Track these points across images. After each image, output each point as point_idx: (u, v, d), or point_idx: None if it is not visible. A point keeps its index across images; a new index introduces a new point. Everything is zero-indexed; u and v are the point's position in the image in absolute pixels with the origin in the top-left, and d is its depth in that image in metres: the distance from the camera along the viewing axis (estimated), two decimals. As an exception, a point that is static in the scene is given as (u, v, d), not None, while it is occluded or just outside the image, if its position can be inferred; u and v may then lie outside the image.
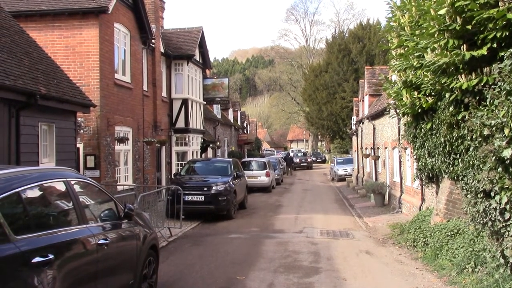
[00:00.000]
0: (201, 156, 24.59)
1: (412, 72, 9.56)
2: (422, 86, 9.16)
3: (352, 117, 34.61)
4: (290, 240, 12.15)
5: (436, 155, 9.88)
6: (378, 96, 25.28)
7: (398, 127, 17.62)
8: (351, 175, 34.22)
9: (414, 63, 9.24)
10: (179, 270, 9.09)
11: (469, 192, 7.87)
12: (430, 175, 11.77)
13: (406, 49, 9.66)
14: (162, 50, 20.33)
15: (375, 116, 22.55)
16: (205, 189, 15.55)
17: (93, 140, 14.16)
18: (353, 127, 33.17)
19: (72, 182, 5.18)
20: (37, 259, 4.13)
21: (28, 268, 4.06)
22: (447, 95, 7.85)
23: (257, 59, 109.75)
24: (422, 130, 10.39)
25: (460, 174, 8.54)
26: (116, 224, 5.88)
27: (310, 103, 50.91)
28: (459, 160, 8.43)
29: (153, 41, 18.76)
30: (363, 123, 28.29)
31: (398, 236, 12.32)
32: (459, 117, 7.95)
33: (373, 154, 23.59)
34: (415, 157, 12.33)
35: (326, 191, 28.64)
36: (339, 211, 18.90)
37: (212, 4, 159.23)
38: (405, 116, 11.53)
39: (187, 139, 22.14)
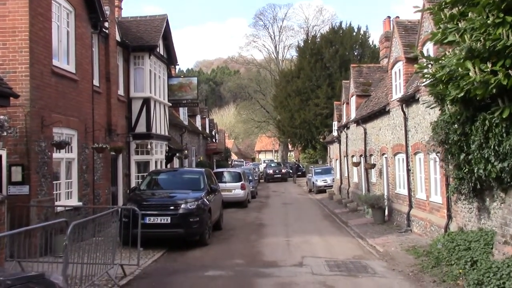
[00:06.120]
0: (166, 166, 21.01)
1: (481, 34, 6.47)
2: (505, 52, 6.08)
3: (333, 123, 31.68)
4: (292, 280, 8.75)
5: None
6: (367, 97, 22.43)
7: (405, 127, 14.66)
8: (332, 186, 31.31)
9: (489, 20, 6.15)
10: None
11: None
12: (478, 186, 8.77)
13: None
14: (118, 38, 16.82)
15: (368, 118, 19.62)
16: (172, 207, 12.10)
17: (21, 145, 10.54)
18: (335, 133, 30.22)
19: None
20: None
21: None
22: None
23: (222, 70, 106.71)
24: (487, 122, 7.29)
25: None
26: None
27: (281, 110, 47.96)
28: None
29: (106, 25, 15.23)
30: (348, 128, 25.35)
31: (433, 269, 9.21)
32: None
33: (365, 162, 20.55)
34: (454, 163, 9.29)
35: (309, 205, 25.43)
36: (334, 231, 15.69)
37: (176, 14, 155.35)
38: (448, 106, 8.45)
39: (149, 146, 18.52)
